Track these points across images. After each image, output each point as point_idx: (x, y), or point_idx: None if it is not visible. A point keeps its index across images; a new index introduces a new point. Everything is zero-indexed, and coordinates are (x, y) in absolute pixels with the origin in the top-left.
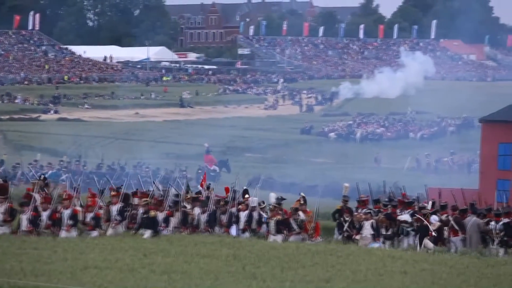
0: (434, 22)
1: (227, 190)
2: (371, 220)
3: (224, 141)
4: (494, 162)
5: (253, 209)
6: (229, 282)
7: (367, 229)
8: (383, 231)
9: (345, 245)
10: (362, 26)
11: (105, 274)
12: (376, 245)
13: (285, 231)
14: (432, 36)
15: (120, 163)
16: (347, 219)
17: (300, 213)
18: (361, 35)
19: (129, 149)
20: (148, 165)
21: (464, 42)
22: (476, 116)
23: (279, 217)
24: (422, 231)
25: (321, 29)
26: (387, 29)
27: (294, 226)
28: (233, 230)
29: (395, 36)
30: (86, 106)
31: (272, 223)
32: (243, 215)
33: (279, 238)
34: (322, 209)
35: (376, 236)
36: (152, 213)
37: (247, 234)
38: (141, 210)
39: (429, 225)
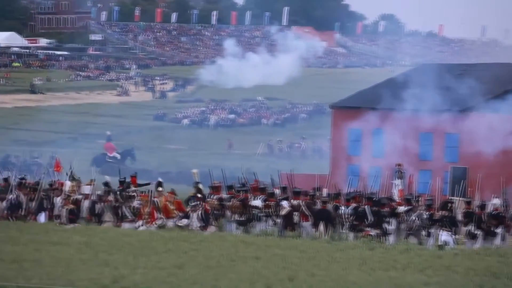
0: (285, 8)
1: (133, 180)
2: (198, 211)
3: (76, 127)
4: (344, 147)
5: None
6: (81, 270)
7: (194, 221)
8: (237, 217)
9: (199, 231)
10: (214, 13)
11: None
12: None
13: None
14: (284, 23)
15: None
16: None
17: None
18: (213, 21)
19: None
20: None
21: (315, 29)
22: (326, 102)
23: (71, 206)
24: (322, 217)
25: (174, 15)
26: (240, 16)
27: (127, 213)
28: (42, 217)
29: (247, 22)
30: None
31: (64, 212)
32: (58, 201)
33: (69, 227)
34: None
35: (204, 226)
36: None
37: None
38: None
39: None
